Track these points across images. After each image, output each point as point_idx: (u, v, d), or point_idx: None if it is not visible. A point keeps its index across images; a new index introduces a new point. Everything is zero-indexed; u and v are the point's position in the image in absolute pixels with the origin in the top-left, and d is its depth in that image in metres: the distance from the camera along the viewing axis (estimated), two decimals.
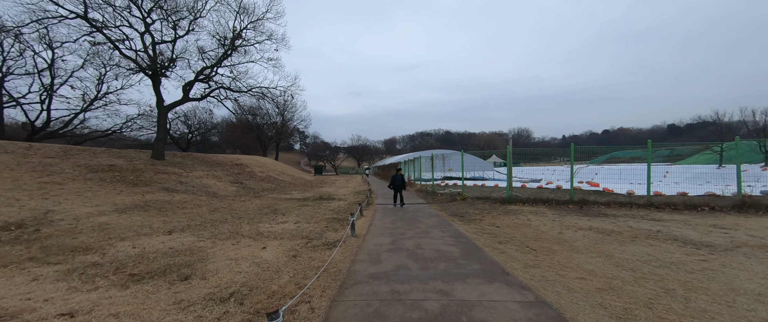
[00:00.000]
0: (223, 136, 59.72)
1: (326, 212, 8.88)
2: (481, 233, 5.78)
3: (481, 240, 5.19)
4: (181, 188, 11.33)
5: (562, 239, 5.24)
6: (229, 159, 24.02)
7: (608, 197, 9.55)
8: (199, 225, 6.72)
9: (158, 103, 16.67)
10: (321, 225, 6.77)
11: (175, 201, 9.40)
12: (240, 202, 11.00)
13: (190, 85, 18.05)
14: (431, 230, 6.05)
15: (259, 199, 12.32)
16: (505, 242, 5.09)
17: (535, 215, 7.77)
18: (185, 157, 19.15)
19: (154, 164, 14.18)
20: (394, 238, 5.38)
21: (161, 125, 16.46)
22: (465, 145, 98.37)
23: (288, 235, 5.75)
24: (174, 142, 43.39)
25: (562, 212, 8.03)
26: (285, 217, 8.01)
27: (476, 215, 7.95)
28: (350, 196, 14.33)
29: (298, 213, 8.73)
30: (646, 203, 8.52)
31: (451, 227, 6.36)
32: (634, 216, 7.29)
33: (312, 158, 78.89)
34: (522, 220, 7.07)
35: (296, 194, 15.03)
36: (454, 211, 8.77)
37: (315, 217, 7.98)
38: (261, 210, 9.24)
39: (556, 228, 6.09)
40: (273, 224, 6.85)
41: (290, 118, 54.90)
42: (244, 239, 5.39)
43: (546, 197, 9.60)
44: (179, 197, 10.04)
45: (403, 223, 6.85)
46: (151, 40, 16.58)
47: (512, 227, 6.30)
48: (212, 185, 13.47)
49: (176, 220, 7.24)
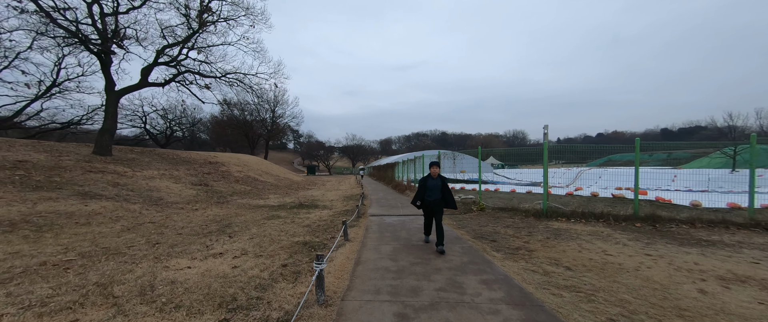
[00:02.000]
0: (211, 133, 56.34)
1: (298, 230, 6.24)
2: (552, 288, 3.21)
3: (569, 312, 2.61)
4: (108, 193, 8.53)
5: (717, 307, 2.70)
6: (204, 157, 21.11)
7: (687, 211, 7.09)
8: (62, 264, 4.01)
9: (107, 88, 13.76)
10: (277, 262, 4.13)
11: (83, 213, 6.64)
12: (187, 212, 8.26)
13: (149, 68, 15.18)
14: (462, 277, 3.46)
15: (220, 207, 9.59)
16: (622, 318, 2.52)
17: (603, 240, 5.26)
18: (143, 153, 16.24)
19: (90, 161, 11.32)
20: (399, 305, 2.77)
21: (110, 114, 13.55)
22: (461, 146, 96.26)
23: (201, 293, 3.10)
24: (152, 139, 40.06)
25: (637, 235, 5.53)
26: (231, 241, 5.33)
27: (514, 239, 5.40)
28: (338, 202, 11.68)
29: (257, 232, 6.06)
30: (748, 222, 6.07)
31: (493, 268, 3.77)
32: (753, 244, 4.82)
33: (306, 158, 75.88)
34: (593, 252, 4.53)
35: (272, 200, 12.32)
36: (477, 230, 6.21)
37: (277, 240, 5.32)
38: (204, 227, 6.54)
39: (673, 273, 3.56)
40: (197, 260, 4.18)
41: (281, 114, 51.91)
42: (97, 311, 2.73)
43: (599, 210, 7.11)
44: (96, 205, 7.26)
45: (412, 259, 4.25)
46: (99, 12, 13.68)
47: (592, 270, 3.75)
48: (162, 187, 10.67)
49: (47, 249, 4.52)
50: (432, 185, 4.74)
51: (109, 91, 13.80)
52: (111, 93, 13.81)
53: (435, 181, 4.75)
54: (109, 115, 13.56)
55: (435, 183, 4.73)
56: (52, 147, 12.15)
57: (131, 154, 15.04)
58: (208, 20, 14.70)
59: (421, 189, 4.84)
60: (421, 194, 4.84)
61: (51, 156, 10.67)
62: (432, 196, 4.73)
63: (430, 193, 4.75)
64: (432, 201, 4.73)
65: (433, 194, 4.73)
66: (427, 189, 4.77)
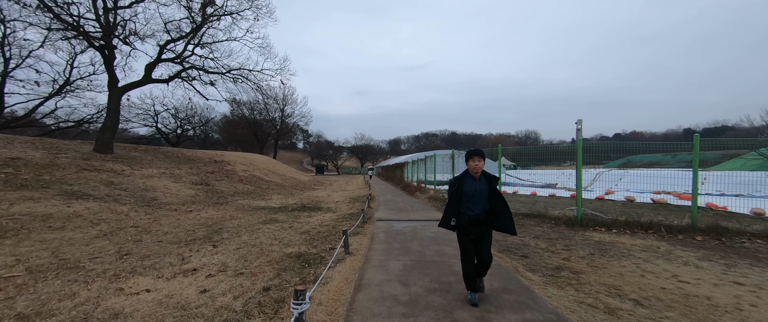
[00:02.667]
0: (223, 133, 56.83)
1: (294, 238, 5.45)
2: None
3: None
4: (97, 193, 7.99)
5: None
6: (210, 155, 20.78)
7: (759, 222, 5.91)
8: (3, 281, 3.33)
9: (110, 84, 13.44)
10: (258, 283, 3.33)
11: (62, 215, 6.05)
12: (179, 214, 7.63)
13: (153, 64, 14.81)
14: (497, 316, 2.55)
15: (217, 208, 8.95)
16: None
17: (665, 259, 4.22)
18: (147, 151, 15.92)
19: (88, 159, 10.92)
20: None
21: (112, 110, 13.21)
22: (472, 147, 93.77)
23: None
24: (163, 138, 40.44)
25: (705, 253, 4.46)
26: (214, 251, 4.58)
27: (550, 255, 4.44)
28: (343, 204, 10.89)
29: (247, 240, 5.31)
30: None
31: (536, 300, 2.83)
32: None
33: (315, 157, 75.91)
34: (661, 277, 3.52)
35: (275, 201, 11.65)
36: (501, 241, 5.25)
37: (266, 251, 4.54)
38: (191, 232, 5.83)
39: None
40: (162, 280, 3.43)
41: (290, 114, 51.78)
42: None
43: (645, 218, 6.02)
44: (79, 207, 6.69)
45: (427, 282, 3.36)
46: (103, 6, 13.37)
47: (674, 307, 2.77)
48: (159, 187, 10.13)
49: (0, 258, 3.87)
50: (473, 191, 2.77)
51: (111, 87, 13.47)
52: (113, 89, 13.47)
53: (477, 183, 2.79)
54: (111, 111, 13.23)
55: (478, 187, 2.78)
56: (53, 144, 11.86)
57: (134, 152, 14.72)
58: (211, 14, 14.20)
59: (455, 199, 2.84)
60: (456, 206, 2.83)
61: (48, 154, 10.31)
62: (475, 209, 2.76)
63: (472, 203, 2.77)
64: (475, 218, 2.76)
65: (475, 205, 2.76)
66: (464, 198, 2.80)
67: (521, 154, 24.49)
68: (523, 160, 31.90)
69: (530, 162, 23.09)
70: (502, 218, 2.81)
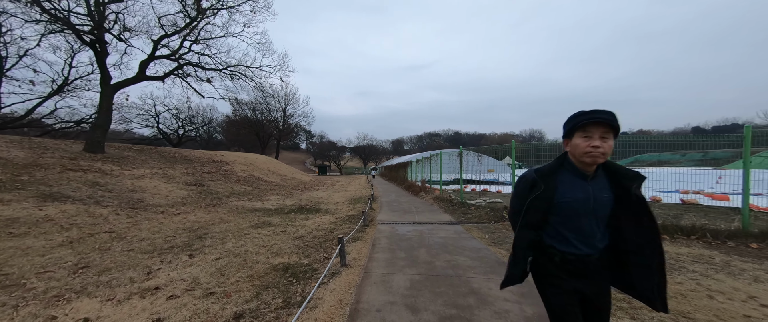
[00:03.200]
0: (225, 134, 56.56)
1: (285, 245, 4.79)
2: None
3: None
4: (78, 195, 7.41)
5: None
6: (208, 155, 20.26)
7: None
8: None
9: (102, 81, 12.92)
10: (230, 308, 2.66)
11: (31, 219, 5.46)
12: (164, 217, 7.02)
13: (147, 61, 14.29)
14: None
15: (208, 210, 8.34)
16: None
17: (726, 272, 3.49)
18: (142, 151, 15.40)
19: (76, 159, 10.39)
20: None
21: (103, 108, 12.69)
22: (475, 146, 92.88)
23: None
24: (165, 138, 40.13)
25: None
26: (188, 262, 3.94)
27: None
28: (344, 205, 10.23)
29: (231, 247, 4.66)
30: None
31: None
32: None
33: (317, 158, 75.47)
34: (734, 298, 2.79)
35: (272, 202, 11.03)
36: None
37: (250, 262, 3.88)
38: (170, 239, 5.20)
39: None
40: (113, 302, 2.78)
41: (292, 114, 51.37)
42: None
43: (686, 223, 5.26)
44: (54, 210, 6.10)
45: (441, 305, 2.67)
46: (95, 0, 12.87)
47: None
48: (149, 188, 9.56)
49: None
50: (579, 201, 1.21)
51: (103, 84, 12.96)
52: (105, 86, 12.96)
53: (590, 185, 1.22)
54: (103, 109, 12.71)
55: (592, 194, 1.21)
56: (40, 144, 11.37)
57: (128, 151, 14.21)
58: (206, 7, 13.64)
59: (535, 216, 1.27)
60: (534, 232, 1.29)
61: (33, 153, 9.79)
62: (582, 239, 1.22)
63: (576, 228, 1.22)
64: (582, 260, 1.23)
65: (583, 231, 1.22)
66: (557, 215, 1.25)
67: (527, 152, 23.30)
68: (529, 159, 31.04)
69: (536, 161, 22.27)
70: (643, 264, 1.19)
